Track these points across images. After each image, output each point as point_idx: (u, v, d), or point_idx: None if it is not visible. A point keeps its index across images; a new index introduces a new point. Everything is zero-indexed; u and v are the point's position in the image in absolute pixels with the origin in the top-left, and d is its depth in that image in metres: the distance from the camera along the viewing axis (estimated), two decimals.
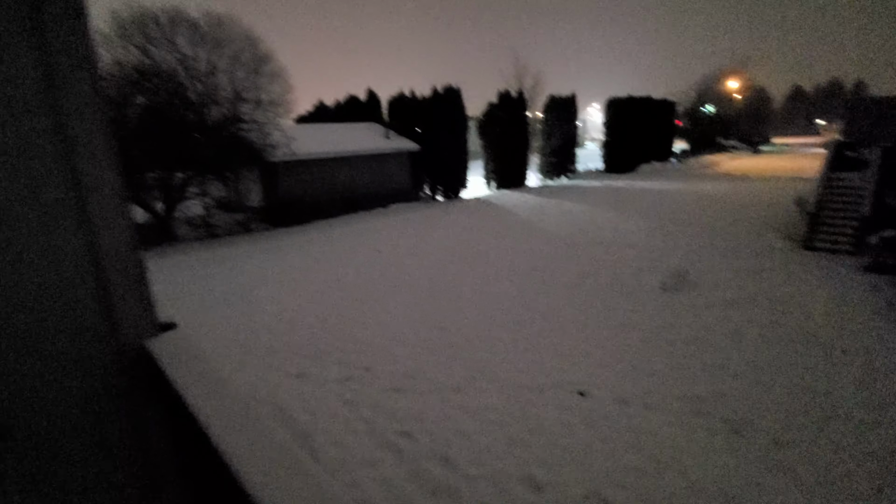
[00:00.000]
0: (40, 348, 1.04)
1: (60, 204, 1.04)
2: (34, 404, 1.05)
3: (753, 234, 10.39)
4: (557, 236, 11.32)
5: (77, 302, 1.08)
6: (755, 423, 3.90)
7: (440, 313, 6.67)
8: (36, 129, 1.01)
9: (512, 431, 3.89)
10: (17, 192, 0.99)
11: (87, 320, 1.09)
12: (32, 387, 1.04)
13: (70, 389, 1.08)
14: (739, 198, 15.52)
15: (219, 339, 6.14)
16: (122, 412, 1.16)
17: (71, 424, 1.09)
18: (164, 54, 13.21)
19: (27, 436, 1.04)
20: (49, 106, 1.01)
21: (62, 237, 1.05)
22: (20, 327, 1.02)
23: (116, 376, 1.15)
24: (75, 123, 1.05)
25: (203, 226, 14.50)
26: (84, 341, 1.09)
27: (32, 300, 1.02)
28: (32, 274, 1.02)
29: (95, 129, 1.08)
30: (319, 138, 17.10)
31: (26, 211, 1.00)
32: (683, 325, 5.90)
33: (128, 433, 1.18)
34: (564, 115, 24.54)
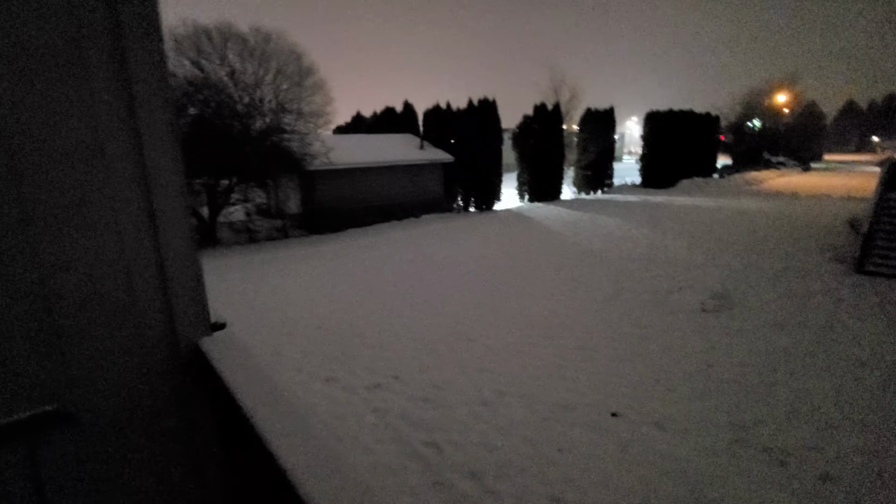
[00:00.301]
0: (107, 342, 1.12)
1: (131, 207, 1.13)
2: (99, 394, 1.13)
3: (801, 255, 9.88)
4: (591, 251, 11.12)
5: (142, 300, 1.16)
6: (801, 454, 3.68)
7: (470, 325, 6.66)
8: (113, 136, 1.11)
9: (540, 449, 3.83)
10: (93, 194, 1.09)
11: (149, 317, 1.17)
12: (98, 378, 1.12)
13: (130, 380, 1.16)
14: (787, 217, 14.81)
15: (254, 340, 6.34)
16: (175, 402, 1.24)
17: (130, 412, 1.18)
18: (215, 68, 13.95)
19: (92, 421, 1.13)
20: (126, 117, 1.11)
21: (132, 238, 1.14)
22: (89, 322, 1.11)
23: (172, 370, 1.23)
24: (147, 132, 1.14)
25: (244, 231, 15.08)
26: (146, 337, 1.18)
27: (103, 297, 1.11)
28: (104, 272, 1.11)
29: (165, 138, 1.17)
30: (356, 148, 17.53)
31: (102, 213, 1.10)
32: (724, 348, 5.66)
33: (178, 421, 1.26)
34: (601, 128, 24.21)
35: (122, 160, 1.13)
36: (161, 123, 1.17)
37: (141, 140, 1.15)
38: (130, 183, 1.15)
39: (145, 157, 1.16)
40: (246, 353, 1.16)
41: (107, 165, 1.11)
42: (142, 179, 1.16)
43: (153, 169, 1.17)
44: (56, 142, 1.05)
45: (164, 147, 1.19)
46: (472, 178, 19.86)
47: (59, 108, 1.05)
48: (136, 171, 1.15)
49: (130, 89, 1.11)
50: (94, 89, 1.07)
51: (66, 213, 1.07)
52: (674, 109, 26.02)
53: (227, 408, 1.03)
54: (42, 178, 1.05)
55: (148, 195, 1.17)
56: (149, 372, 1.18)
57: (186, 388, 1.25)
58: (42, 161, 1.05)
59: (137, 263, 1.15)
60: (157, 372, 1.20)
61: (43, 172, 1.05)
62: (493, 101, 19.77)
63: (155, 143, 1.17)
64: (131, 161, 1.14)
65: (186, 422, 1.28)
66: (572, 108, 24.43)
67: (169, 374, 1.22)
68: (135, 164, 1.15)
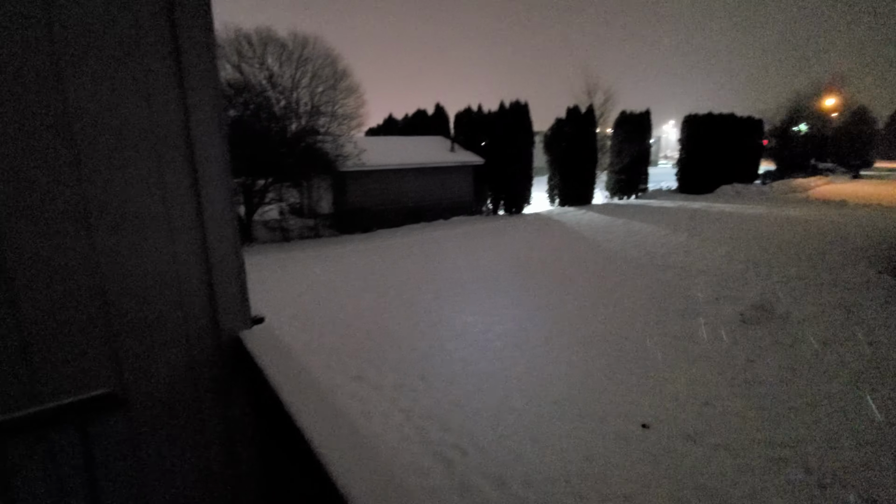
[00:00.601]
0: (156, 333, 1.18)
1: (182, 205, 1.18)
2: (147, 380, 1.19)
3: (849, 266, 9.34)
4: (623, 258, 10.86)
5: (189, 293, 1.21)
6: (844, 478, 3.47)
7: (500, 329, 6.62)
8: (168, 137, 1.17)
9: (567, 457, 3.76)
10: (148, 194, 1.15)
11: (195, 311, 1.23)
12: (147, 365, 1.18)
13: (176, 369, 1.22)
14: (834, 226, 14.05)
15: (285, 336, 6.50)
16: (216, 390, 1.29)
17: (174, 397, 1.23)
18: (255, 71, 14.43)
19: (140, 405, 1.19)
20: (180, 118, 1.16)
21: (183, 237, 1.19)
22: (141, 314, 1.17)
23: (214, 360, 1.28)
24: (198, 133, 1.20)
25: (278, 229, 15.51)
26: (191, 329, 1.23)
27: (154, 290, 1.17)
28: (156, 266, 1.17)
29: (214, 141, 1.22)
30: (387, 150, 17.74)
31: (156, 213, 1.15)
32: (765, 361, 5.42)
33: (218, 407, 1.31)
34: (637, 131, 23.63)
35: (175, 160, 1.19)
36: (211, 125, 1.22)
37: (192, 141, 1.20)
38: (182, 184, 1.20)
39: (196, 159, 1.21)
40: (283, 346, 1.20)
41: (161, 167, 1.17)
42: (193, 181, 1.21)
43: (203, 171, 1.22)
44: (117, 142, 1.12)
45: (213, 149, 1.24)
46: (502, 181, 19.76)
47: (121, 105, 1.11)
48: (187, 173, 1.21)
49: (183, 84, 1.16)
50: (151, 84, 1.13)
51: (122, 210, 1.14)
52: (713, 113, 25.13)
53: (265, 396, 1.06)
54: (102, 177, 1.11)
55: (198, 197, 1.22)
56: (193, 361, 1.24)
57: (226, 377, 1.30)
58: (103, 160, 1.11)
59: (186, 261, 1.21)
60: (201, 361, 1.25)
61: (104, 171, 1.11)
62: (524, 103, 19.63)
63: (205, 144, 1.22)
64: (183, 161, 1.20)
65: (225, 408, 1.33)
66: (606, 110, 23.94)
67: (211, 364, 1.27)
68: (187, 167, 1.20)
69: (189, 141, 1.18)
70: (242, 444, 1.40)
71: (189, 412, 1.26)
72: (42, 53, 1.02)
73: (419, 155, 18.20)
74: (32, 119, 1.03)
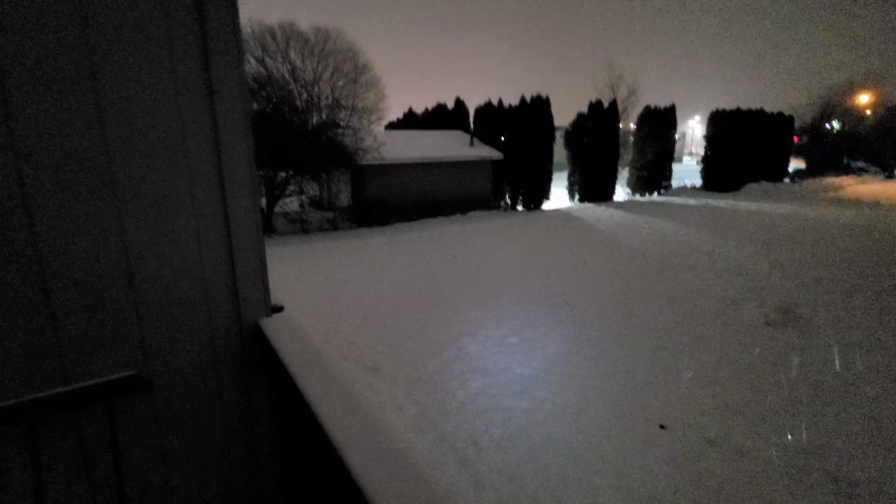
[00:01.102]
0: (180, 319, 1.22)
1: (209, 199, 1.21)
2: (172, 363, 1.23)
3: (881, 269, 8.99)
4: (644, 256, 10.68)
5: (213, 280, 1.25)
6: (869, 486, 3.36)
7: (516, 325, 6.60)
8: (194, 128, 1.19)
9: (583, 457, 3.74)
10: (175, 187, 1.18)
11: (218, 296, 1.26)
12: (171, 349, 1.22)
13: (199, 354, 1.25)
14: (866, 227, 13.53)
15: (304, 325, 6.60)
16: (236, 375, 1.33)
17: (197, 381, 1.27)
18: (278, 65, 14.61)
19: (165, 388, 1.23)
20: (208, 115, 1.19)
21: (208, 227, 1.22)
22: (166, 300, 1.20)
23: (236, 347, 1.31)
24: (224, 124, 1.22)
25: (298, 221, 15.73)
26: (214, 315, 1.26)
27: (179, 275, 1.21)
28: (182, 253, 1.20)
29: (239, 133, 1.24)
30: (406, 144, 17.78)
31: (183, 204, 1.19)
32: (790, 365, 5.27)
33: (238, 393, 1.35)
34: (661, 127, 23.13)
35: (202, 154, 1.22)
36: (237, 117, 1.24)
37: (218, 133, 1.23)
38: (208, 175, 1.23)
39: (221, 150, 1.24)
40: (302, 334, 1.22)
41: (189, 156, 1.20)
42: (218, 172, 1.24)
43: (228, 162, 1.25)
44: (147, 133, 1.15)
45: (237, 141, 1.26)
46: (522, 177, 19.60)
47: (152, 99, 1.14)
48: (213, 164, 1.23)
49: (210, 77, 1.18)
50: (181, 79, 1.15)
51: (151, 197, 1.17)
52: (741, 109, 24.41)
53: (284, 384, 1.08)
54: (132, 165, 1.14)
55: (222, 187, 1.25)
56: (215, 346, 1.27)
57: (247, 364, 1.34)
58: (134, 150, 1.14)
59: (211, 248, 1.24)
60: (223, 347, 1.28)
61: (134, 160, 1.14)
62: (546, 98, 19.40)
63: (230, 136, 1.25)
64: (210, 154, 1.23)
65: (245, 394, 1.36)
66: (630, 105, 23.52)
67: (232, 350, 1.30)
68: (213, 157, 1.23)
69: (215, 133, 1.21)
70: (262, 430, 1.43)
71: (211, 397, 1.30)
72: (78, 53, 1.06)
73: (438, 149, 18.18)
74: (69, 113, 1.07)
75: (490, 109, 20.03)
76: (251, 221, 1.28)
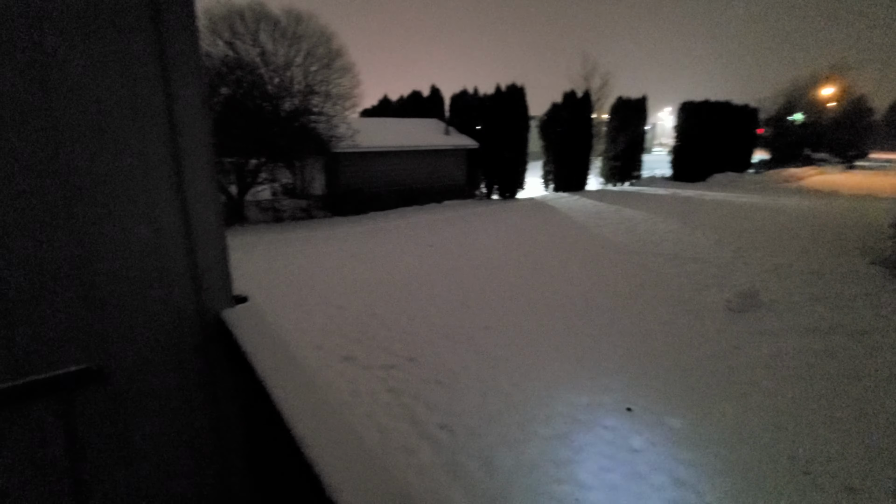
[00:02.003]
0: (137, 309, 1.18)
1: (165, 184, 1.17)
2: (130, 356, 1.19)
3: (838, 256, 9.47)
4: (615, 244, 10.92)
5: (171, 269, 1.21)
6: (824, 464, 3.58)
7: (488, 313, 6.68)
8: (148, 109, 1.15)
9: (553, 447, 3.84)
10: (129, 166, 1.13)
11: (177, 287, 1.23)
12: (130, 342, 1.18)
13: (158, 345, 1.22)
14: (825, 216, 14.18)
15: (276, 316, 6.51)
16: (200, 368, 1.30)
17: (158, 374, 1.24)
18: (248, 48, 14.10)
19: (124, 381, 1.19)
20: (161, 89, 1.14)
21: (164, 213, 1.18)
22: (122, 289, 1.16)
23: (197, 338, 1.28)
24: (180, 107, 1.18)
25: (270, 209, 15.39)
26: (173, 305, 1.23)
27: (135, 265, 1.16)
28: (137, 240, 1.16)
29: (196, 114, 1.20)
30: (381, 132, 17.55)
31: (137, 187, 1.14)
32: (749, 349, 5.52)
33: (202, 385, 1.32)
34: (633, 118, 23.52)
35: (156, 135, 1.17)
36: (194, 98, 1.20)
37: (174, 115, 1.18)
38: (164, 158, 1.19)
39: (178, 133, 1.19)
40: (265, 324, 1.20)
41: (142, 137, 1.15)
42: (175, 162, 1.20)
43: (186, 145, 1.21)
44: (98, 114, 1.10)
45: (196, 124, 1.22)
46: (497, 166, 19.66)
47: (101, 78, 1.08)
48: (169, 147, 1.19)
49: (164, 55, 1.13)
50: (131, 57, 1.10)
51: (103, 183, 1.12)
52: (710, 100, 25.04)
53: (247, 376, 1.07)
54: (83, 148, 1.09)
55: (179, 171, 1.21)
56: (176, 338, 1.24)
57: (210, 355, 1.31)
58: (84, 131, 1.09)
59: (168, 235, 1.20)
60: (184, 339, 1.25)
61: (85, 142, 1.09)
62: (520, 87, 19.43)
63: (187, 118, 1.20)
64: (164, 136, 1.18)
65: (209, 387, 1.34)
66: (603, 96, 23.73)
67: (194, 342, 1.28)
68: (167, 139, 1.19)
69: (170, 114, 1.16)
70: (229, 424, 1.41)
71: (172, 390, 1.27)
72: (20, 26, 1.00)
73: (414, 137, 18.03)
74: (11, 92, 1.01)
75: (465, 98, 19.93)
76: (211, 207, 1.24)
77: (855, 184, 23.62)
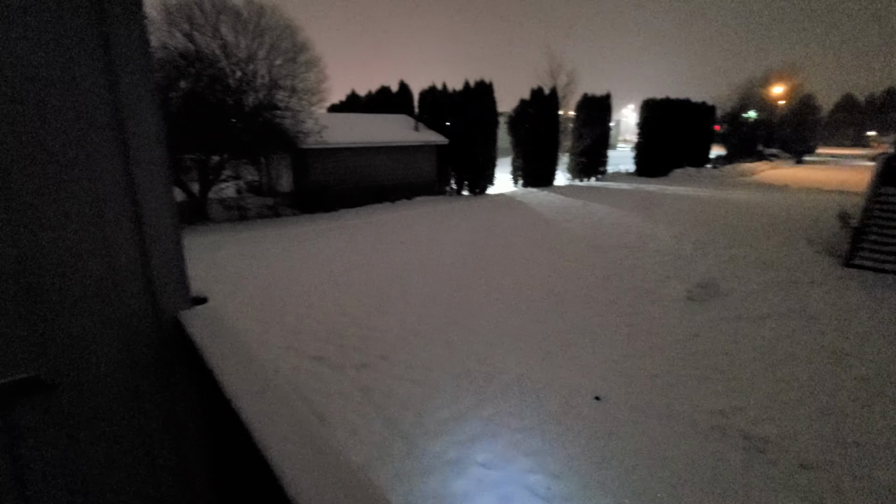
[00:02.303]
0: (86, 314, 1.11)
1: (111, 179, 1.11)
2: (80, 363, 1.13)
3: (790, 246, 10.00)
4: (582, 238, 11.17)
5: (122, 272, 1.15)
6: (778, 442, 3.79)
7: (459, 309, 6.70)
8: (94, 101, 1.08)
9: (526, 435, 3.90)
10: (73, 163, 1.07)
11: (129, 289, 1.16)
12: (78, 348, 1.12)
13: (110, 351, 1.16)
14: (777, 208, 14.94)
15: (244, 317, 6.34)
16: (155, 373, 1.24)
17: (111, 381, 1.17)
18: (208, 40, 13.59)
19: (73, 390, 1.13)
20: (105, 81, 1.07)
21: (112, 211, 1.12)
22: (69, 293, 1.10)
23: (152, 342, 1.23)
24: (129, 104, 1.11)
25: (235, 208, 14.92)
26: (126, 308, 1.17)
27: (80, 266, 1.10)
28: (82, 241, 1.09)
29: (147, 106, 1.14)
30: (350, 128, 17.29)
31: (81, 183, 1.07)
32: (709, 336, 5.76)
33: (160, 392, 1.26)
34: (597, 114, 24.06)
35: (102, 128, 1.10)
36: (143, 89, 1.14)
37: (120, 108, 1.12)
38: (110, 152, 1.12)
39: (125, 125, 1.13)
40: (223, 325, 1.16)
41: (85, 133, 1.08)
42: (123, 156, 1.13)
43: (134, 138, 1.14)
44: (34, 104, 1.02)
45: (145, 116, 1.16)
46: (466, 162, 19.72)
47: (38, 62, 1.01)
48: (117, 148, 1.12)
49: (108, 40, 1.07)
50: (71, 33, 1.03)
51: (43, 178, 1.05)
52: (671, 98, 25.90)
53: (206, 379, 1.03)
54: (19, 142, 1.02)
55: (128, 166, 1.15)
56: (129, 343, 1.18)
57: (167, 361, 1.25)
58: (18, 123, 1.02)
59: (117, 235, 1.13)
60: (138, 344, 1.19)
61: (21, 136, 1.02)
62: (489, 83, 19.51)
63: (136, 111, 1.14)
64: (110, 129, 1.11)
65: (167, 393, 1.28)
66: (569, 93, 24.21)
67: (149, 347, 1.22)
68: (117, 141, 1.12)
69: (115, 104, 1.10)
70: (189, 430, 1.36)
71: (127, 397, 1.21)
72: None
73: (383, 133, 17.85)
74: None
75: (435, 94, 19.87)
76: (165, 205, 1.18)
77: (804, 178, 24.98)
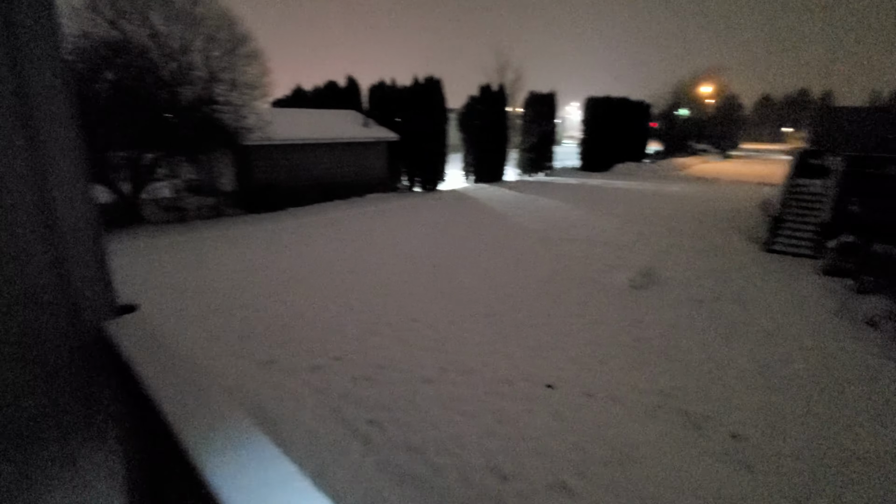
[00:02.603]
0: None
1: (18, 178, 1.00)
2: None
3: (719, 235, 10.77)
4: (531, 231, 11.46)
5: (35, 279, 1.04)
6: (714, 417, 4.08)
7: (413, 305, 6.69)
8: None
9: (481, 422, 3.96)
10: None
11: (44, 298, 1.06)
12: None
13: (25, 365, 1.05)
14: (708, 200, 16.04)
15: (187, 324, 5.99)
16: (78, 388, 1.14)
17: (24, 398, 1.06)
18: (136, 29, 12.65)
19: None
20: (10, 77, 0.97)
21: (20, 214, 1.01)
22: None
23: (73, 354, 1.12)
24: (36, 94, 1.01)
25: (172, 209, 14.05)
26: (42, 319, 1.06)
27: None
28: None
29: (58, 101, 1.04)
30: (296, 123, 16.74)
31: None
32: (650, 321, 6.10)
33: (82, 404, 1.16)
34: (544, 111, 24.76)
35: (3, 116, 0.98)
36: (52, 79, 1.03)
37: (29, 101, 1.01)
38: (19, 157, 1.01)
39: (33, 118, 1.02)
40: (151, 332, 1.09)
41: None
42: (32, 153, 1.02)
43: (46, 142, 1.03)
44: None
45: (58, 109, 1.05)
46: (417, 158, 19.67)
47: None
48: (25, 144, 1.01)
49: (11, 23, 0.96)
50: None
51: None
52: (611, 96, 27.07)
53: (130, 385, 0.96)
54: None
55: (40, 170, 1.03)
56: (44, 356, 1.07)
57: (89, 373, 1.15)
58: None
59: (26, 242, 1.02)
60: (55, 356, 1.09)
61: None
62: (438, 79, 19.53)
63: (46, 105, 1.03)
64: (14, 118, 1.00)
65: (90, 405, 1.18)
66: (517, 90, 24.72)
67: (68, 359, 1.11)
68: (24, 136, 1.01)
69: (24, 100, 0.99)
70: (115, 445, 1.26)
71: (44, 414, 1.10)
72: None
73: (331, 129, 17.42)
74: None
75: (384, 89, 19.64)
76: (83, 208, 1.08)
77: (731, 171, 26.98)
